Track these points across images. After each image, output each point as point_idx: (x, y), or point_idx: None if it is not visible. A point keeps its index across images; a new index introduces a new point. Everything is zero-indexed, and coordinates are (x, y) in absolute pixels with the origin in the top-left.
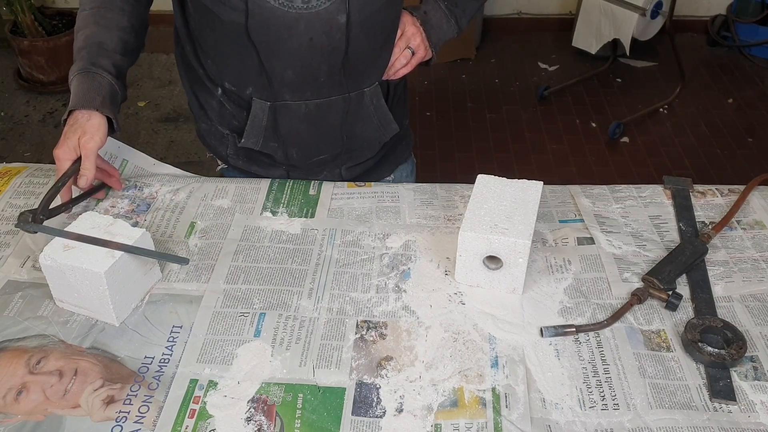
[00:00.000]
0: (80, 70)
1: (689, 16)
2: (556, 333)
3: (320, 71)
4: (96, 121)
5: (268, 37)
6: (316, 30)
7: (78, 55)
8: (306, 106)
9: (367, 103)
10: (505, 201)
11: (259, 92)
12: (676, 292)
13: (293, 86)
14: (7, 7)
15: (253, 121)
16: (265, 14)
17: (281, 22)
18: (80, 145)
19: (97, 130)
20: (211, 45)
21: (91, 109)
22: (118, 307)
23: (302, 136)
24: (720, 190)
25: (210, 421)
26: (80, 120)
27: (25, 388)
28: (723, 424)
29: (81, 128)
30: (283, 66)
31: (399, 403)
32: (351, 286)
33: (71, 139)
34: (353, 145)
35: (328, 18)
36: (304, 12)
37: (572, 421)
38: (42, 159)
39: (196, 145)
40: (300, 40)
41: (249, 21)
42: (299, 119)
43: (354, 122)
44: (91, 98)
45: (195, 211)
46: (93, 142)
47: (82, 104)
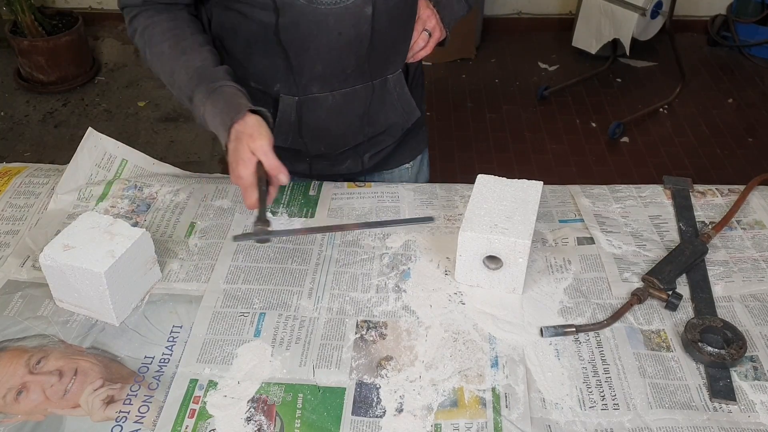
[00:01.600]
0: (207, 94)
1: (689, 16)
2: (556, 333)
3: (348, 63)
4: (252, 120)
5: (298, 35)
6: (344, 24)
7: (190, 87)
8: (333, 97)
9: (390, 89)
10: (505, 201)
11: (287, 88)
12: (676, 292)
13: (321, 79)
14: (7, 7)
15: (281, 118)
16: (294, 13)
17: (311, 19)
18: (252, 150)
19: (259, 126)
20: (236, 46)
21: (240, 114)
22: (118, 306)
23: (329, 127)
24: (720, 190)
25: (210, 421)
26: (239, 130)
27: (25, 388)
28: (723, 424)
29: (244, 135)
30: (313, 61)
31: (399, 403)
32: (351, 286)
33: (241, 151)
34: (376, 131)
35: (355, 11)
36: (333, 7)
37: (572, 421)
38: (42, 159)
39: (196, 145)
40: (329, 35)
41: (279, 20)
42: (326, 111)
43: (378, 109)
44: (235, 105)
45: (195, 211)
46: (262, 138)
47: (231, 117)
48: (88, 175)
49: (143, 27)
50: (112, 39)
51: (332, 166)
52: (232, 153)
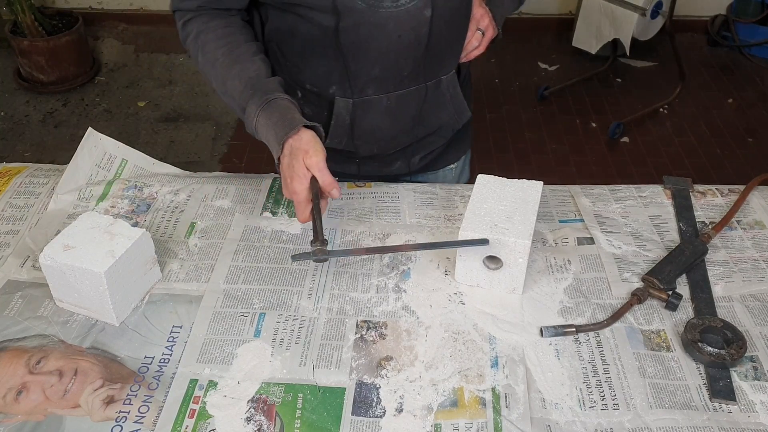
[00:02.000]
0: (261, 105)
1: (689, 16)
2: (556, 333)
3: (405, 65)
4: (307, 135)
5: (357, 38)
6: (404, 26)
7: (243, 97)
8: (387, 99)
9: (443, 90)
10: (505, 201)
11: (342, 91)
12: (676, 292)
13: (377, 82)
14: (7, 7)
15: (336, 121)
16: (355, 16)
17: (371, 22)
18: (307, 166)
19: (314, 142)
20: (293, 50)
21: (295, 129)
22: (118, 307)
23: (382, 129)
24: (720, 190)
25: (210, 421)
26: (294, 145)
27: (25, 388)
28: (723, 424)
29: (299, 151)
30: (371, 64)
31: (399, 403)
32: (351, 286)
33: (296, 167)
34: (428, 132)
35: (415, 13)
36: (393, 10)
37: (572, 421)
38: (42, 159)
39: (196, 145)
40: (389, 38)
41: (340, 24)
42: (380, 113)
43: (431, 110)
44: (289, 120)
45: (195, 211)
46: (318, 155)
47: (285, 131)
48: (88, 175)
49: (197, 32)
50: (112, 39)
51: (381, 168)
52: (286, 168)
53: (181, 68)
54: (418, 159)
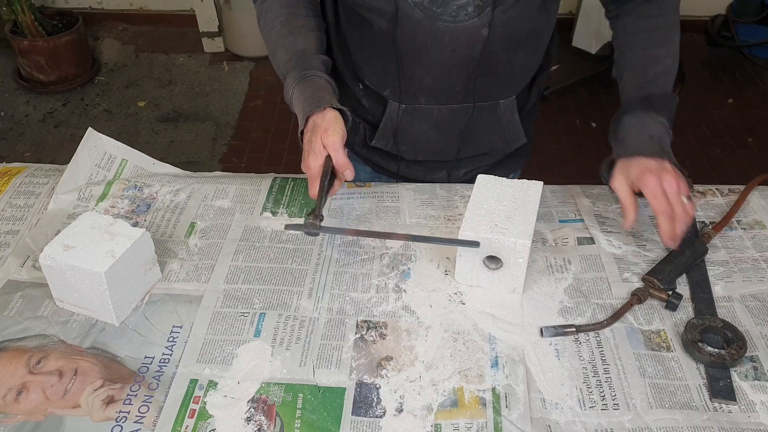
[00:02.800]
0: (298, 79)
1: (689, 16)
2: (556, 333)
3: (458, 80)
4: (331, 115)
5: (412, 45)
6: (459, 42)
7: (287, 67)
8: (439, 110)
9: (500, 114)
10: (505, 201)
11: (396, 95)
12: (676, 292)
13: (430, 91)
14: (7, 7)
15: (386, 123)
16: (412, 24)
17: (427, 32)
18: (324, 144)
19: (335, 122)
20: (357, 45)
21: (322, 107)
22: (118, 307)
23: (429, 140)
24: (720, 190)
25: (210, 421)
26: (317, 122)
27: (25, 388)
28: (723, 424)
29: (319, 128)
30: (424, 72)
31: (399, 403)
32: (351, 286)
33: (314, 143)
34: (477, 151)
35: (472, 31)
36: (450, 25)
37: (572, 421)
38: (42, 159)
39: (196, 145)
40: (443, 50)
41: (397, 29)
42: (429, 123)
43: (482, 131)
44: (319, 98)
45: (195, 211)
46: (336, 135)
47: (312, 107)
48: (88, 175)
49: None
50: (112, 39)
51: (424, 174)
52: (306, 143)
53: (181, 68)
54: (463, 173)
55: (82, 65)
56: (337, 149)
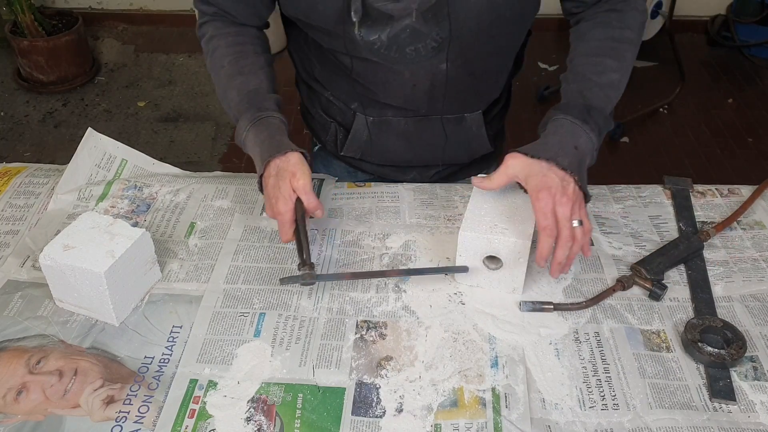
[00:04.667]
0: (252, 122)
1: (689, 16)
2: (534, 308)
3: (422, 105)
4: (295, 158)
5: (374, 79)
6: (419, 76)
7: (239, 109)
8: (406, 122)
9: (466, 126)
10: (505, 201)
11: (363, 108)
12: (661, 283)
13: (396, 109)
14: (7, 7)
15: (354, 135)
16: (372, 62)
17: (387, 71)
18: (294, 188)
19: (301, 165)
20: (321, 67)
21: (283, 151)
22: (118, 307)
23: (398, 150)
24: (720, 190)
25: (210, 421)
26: (281, 166)
27: (25, 388)
28: (723, 424)
29: (286, 173)
30: (388, 98)
31: (399, 403)
32: (351, 286)
33: (282, 188)
34: (446, 159)
35: (430, 67)
36: (408, 64)
37: (572, 421)
38: (42, 159)
39: (196, 145)
40: (404, 85)
41: (354, 66)
42: (398, 135)
43: (450, 141)
44: (277, 142)
45: (195, 211)
46: (304, 177)
47: (272, 152)
48: (88, 175)
49: (210, 36)
50: (112, 39)
51: (396, 174)
52: (272, 188)
53: (181, 68)
54: (434, 173)
55: (82, 65)
56: (308, 192)
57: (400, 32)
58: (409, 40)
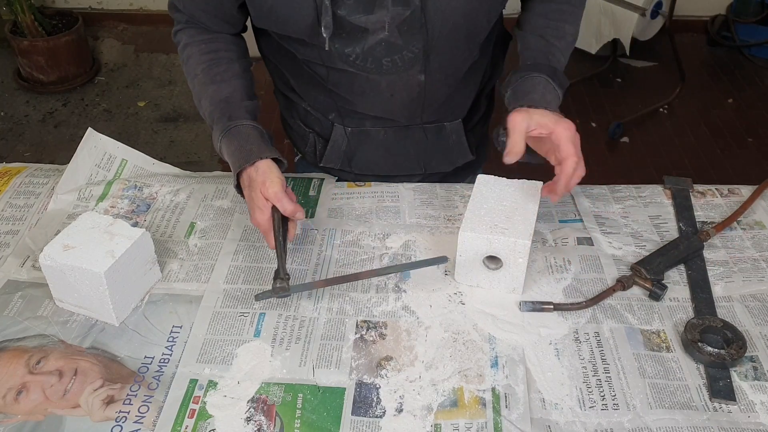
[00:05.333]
0: (223, 133)
1: (689, 16)
2: (534, 308)
3: (401, 115)
4: (263, 166)
5: (351, 90)
6: (396, 87)
7: (211, 119)
8: (385, 132)
9: (446, 135)
10: (505, 201)
11: (340, 119)
12: (661, 283)
13: (374, 120)
14: (7, 7)
15: (332, 146)
16: (348, 74)
17: (363, 81)
18: (266, 197)
19: (269, 172)
20: (297, 79)
21: (252, 161)
22: (118, 307)
23: (378, 161)
24: (720, 190)
25: (210, 421)
26: (252, 176)
27: (25, 388)
28: (723, 424)
29: (256, 182)
30: (366, 108)
31: (399, 403)
32: (351, 286)
33: (256, 198)
34: (427, 169)
35: (407, 79)
36: (384, 76)
37: (572, 421)
38: (42, 159)
39: (196, 145)
40: (382, 95)
41: (330, 76)
42: (377, 146)
43: (430, 150)
44: (247, 151)
45: (195, 211)
46: (274, 185)
47: (241, 162)
48: (88, 175)
49: (184, 44)
50: (112, 39)
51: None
52: (248, 199)
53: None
54: (416, 181)
55: (82, 65)
56: (280, 198)
57: (375, 45)
58: (384, 52)
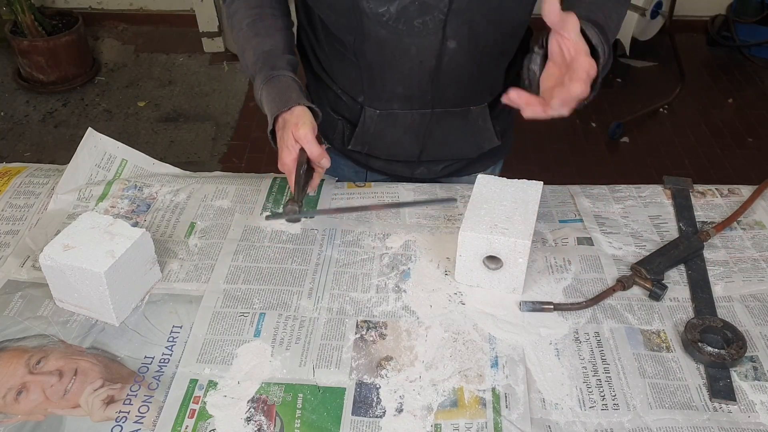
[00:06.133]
0: (264, 81)
1: (689, 16)
2: (534, 308)
3: (428, 89)
4: (298, 110)
5: (380, 59)
6: (426, 53)
7: (254, 69)
8: (412, 116)
9: (472, 120)
10: (505, 201)
11: (370, 101)
12: (661, 283)
13: (402, 99)
14: (7, 7)
15: (361, 128)
16: (379, 40)
17: (394, 47)
18: (296, 138)
19: (303, 116)
20: (329, 55)
21: (289, 106)
22: (118, 307)
23: (405, 144)
24: (720, 190)
25: (210, 421)
26: (286, 118)
27: (25, 388)
28: (723, 424)
29: (289, 124)
30: (394, 82)
31: (399, 403)
32: (351, 286)
33: (286, 138)
34: (453, 154)
35: (437, 44)
36: (415, 39)
37: (572, 421)
38: (42, 159)
39: (196, 145)
40: (411, 62)
41: (364, 45)
42: (404, 129)
43: (457, 134)
44: (286, 98)
45: (195, 211)
46: (305, 127)
47: (279, 107)
48: (88, 175)
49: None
50: (112, 39)
51: (404, 170)
52: (279, 140)
53: (181, 68)
54: (441, 168)
55: (82, 65)
56: (309, 140)
57: (408, 5)
58: (417, 13)
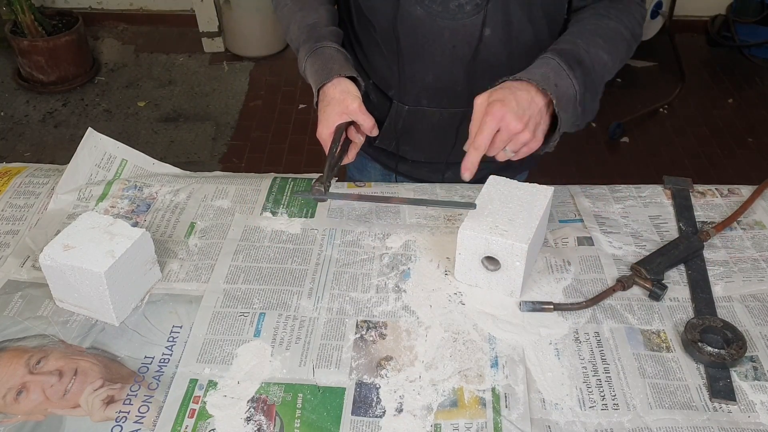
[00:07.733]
0: (308, 52)
1: (689, 16)
2: (534, 308)
3: (458, 79)
4: (343, 85)
5: (414, 41)
6: (459, 39)
7: (298, 41)
8: (440, 114)
9: None
10: (511, 203)
11: (399, 95)
12: (661, 283)
13: (431, 91)
14: (7, 7)
15: (389, 124)
16: (413, 21)
17: (427, 29)
18: (348, 113)
19: (348, 91)
20: (364, 43)
21: (333, 77)
22: (118, 307)
23: (432, 142)
24: (720, 190)
25: (210, 421)
26: (329, 92)
27: (25, 388)
28: (723, 424)
29: (335, 100)
30: (425, 69)
31: (399, 403)
32: (351, 286)
33: (329, 112)
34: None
35: (472, 29)
36: (450, 22)
37: (572, 421)
38: (42, 159)
39: (196, 145)
40: (444, 47)
41: (398, 26)
42: (432, 126)
43: None
44: (329, 69)
45: (195, 211)
46: (354, 101)
47: (322, 79)
48: (88, 175)
49: None
50: (112, 39)
51: (430, 175)
52: (320, 113)
53: (181, 68)
54: None
55: (82, 65)
56: (363, 112)
57: None
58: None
